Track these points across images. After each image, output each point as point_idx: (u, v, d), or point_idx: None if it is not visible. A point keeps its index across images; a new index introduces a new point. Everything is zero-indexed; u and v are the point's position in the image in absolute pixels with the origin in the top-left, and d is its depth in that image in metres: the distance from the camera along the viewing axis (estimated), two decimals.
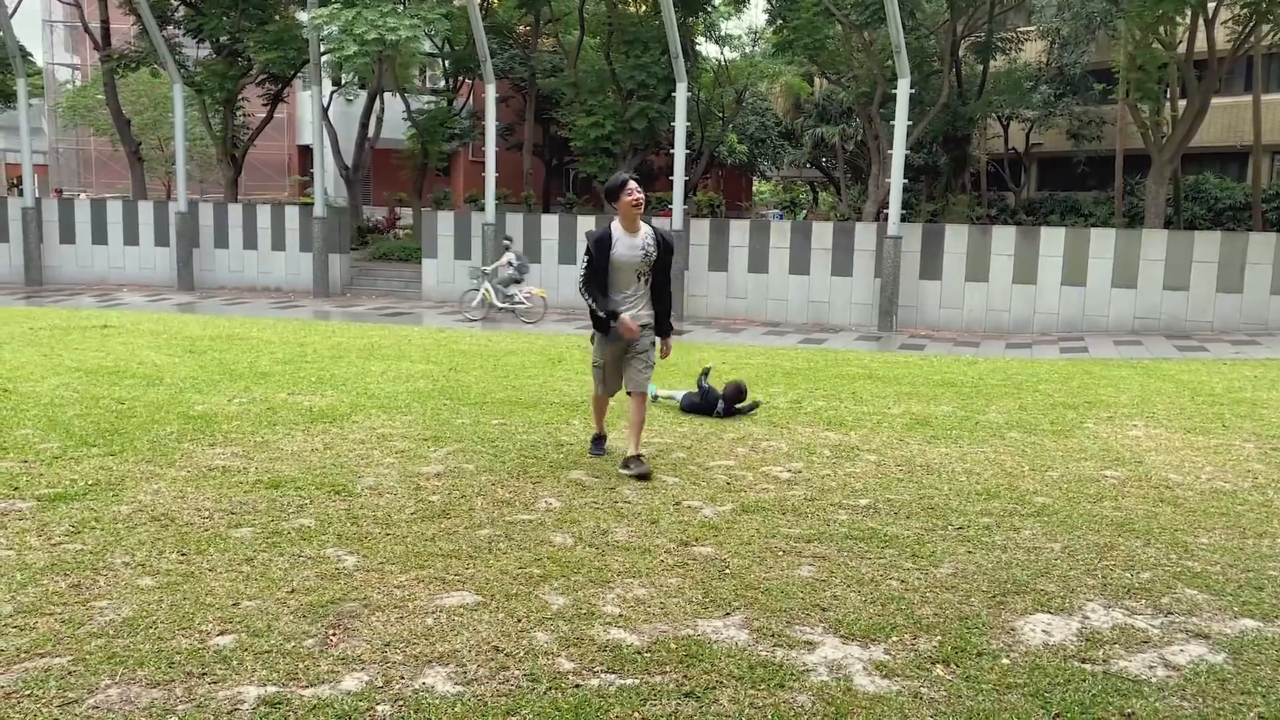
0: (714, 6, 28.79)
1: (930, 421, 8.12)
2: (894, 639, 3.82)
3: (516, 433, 7.23)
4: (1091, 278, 18.68)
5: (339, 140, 29.25)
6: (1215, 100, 22.24)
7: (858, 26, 23.34)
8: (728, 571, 4.51)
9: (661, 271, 6.14)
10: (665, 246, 6.08)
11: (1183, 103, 22.79)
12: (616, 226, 6.01)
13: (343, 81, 30.63)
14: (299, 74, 27.45)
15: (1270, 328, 17.58)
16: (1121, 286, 18.54)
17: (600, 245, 5.97)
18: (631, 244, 6.01)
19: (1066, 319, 18.78)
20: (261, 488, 5.67)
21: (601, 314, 6.04)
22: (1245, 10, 20.81)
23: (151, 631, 3.75)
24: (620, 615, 3.98)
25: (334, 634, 3.75)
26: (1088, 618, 4.05)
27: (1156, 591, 4.34)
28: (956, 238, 19.52)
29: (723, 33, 32.23)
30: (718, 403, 8.19)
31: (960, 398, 9.50)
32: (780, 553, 4.79)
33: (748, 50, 34.44)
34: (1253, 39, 21.86)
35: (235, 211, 24.66)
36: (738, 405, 8.31)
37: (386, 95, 29.13)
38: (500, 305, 18.87)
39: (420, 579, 4.31)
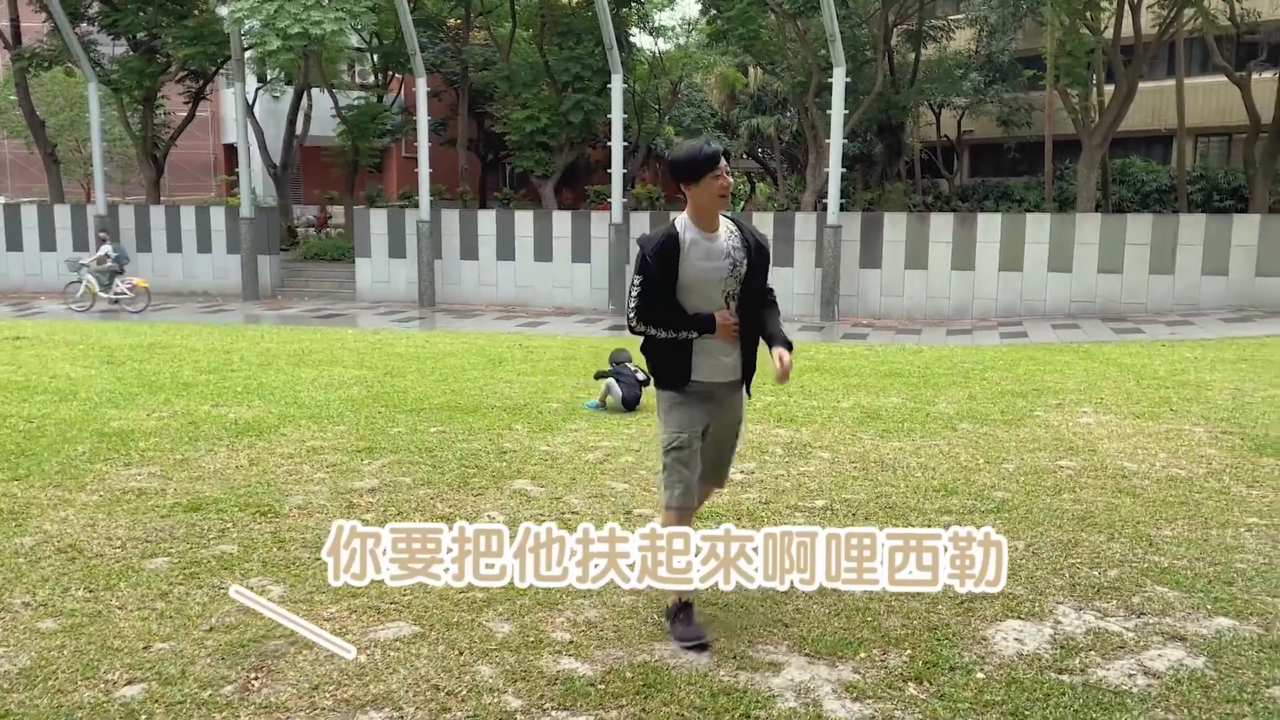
0: None
1: (881, 414, 7.97)
2: (862, 655, 3.60)
3: (456, 440, 6.90)
4: (1028, 262, 18.84)
5: (266, 138, 28.38)
6: (1140, 85, 22.58)
7: (791, 16, 23.25)
8: None
9: (756, 292, 3.87)
10: (760, 251, 3.86)
11: (1110, 88, 23.12)
12: (686, 224, 3.78)
13: (268, 78, 29.77)
14: (221, 70, 26.57)
15: (1202, 308, 17.89)
16: (1057, 270, 18.72)
17: (664, 255, 3.71)
18: (711, 249, 3.77)
19: (1005, 304, 18.92)
20: (180, 511, 5.28)
21: (682, 336, 3.78)
22: None
23: (51, 683, 3.38)
24: (571, 642, 3.71)
25: (256, 678, 3.42)
26: (1059, 622, 3.88)
27: (1126, 590, 4.19)
28: (895, 226, 19.55)
29: (656, 23, 31.97)
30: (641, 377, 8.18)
31: (909, 388, 9.39)
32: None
33: (682, 41, 34.22)
34: (1176, 24, 22.23)
35: (157, 213, 23.82)
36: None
37: (315, 91, 28.36)
38: (103, 295, 19.32)
39: (353, 609, 3.99)
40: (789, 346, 3.86)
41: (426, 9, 28.97)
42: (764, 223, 20.40)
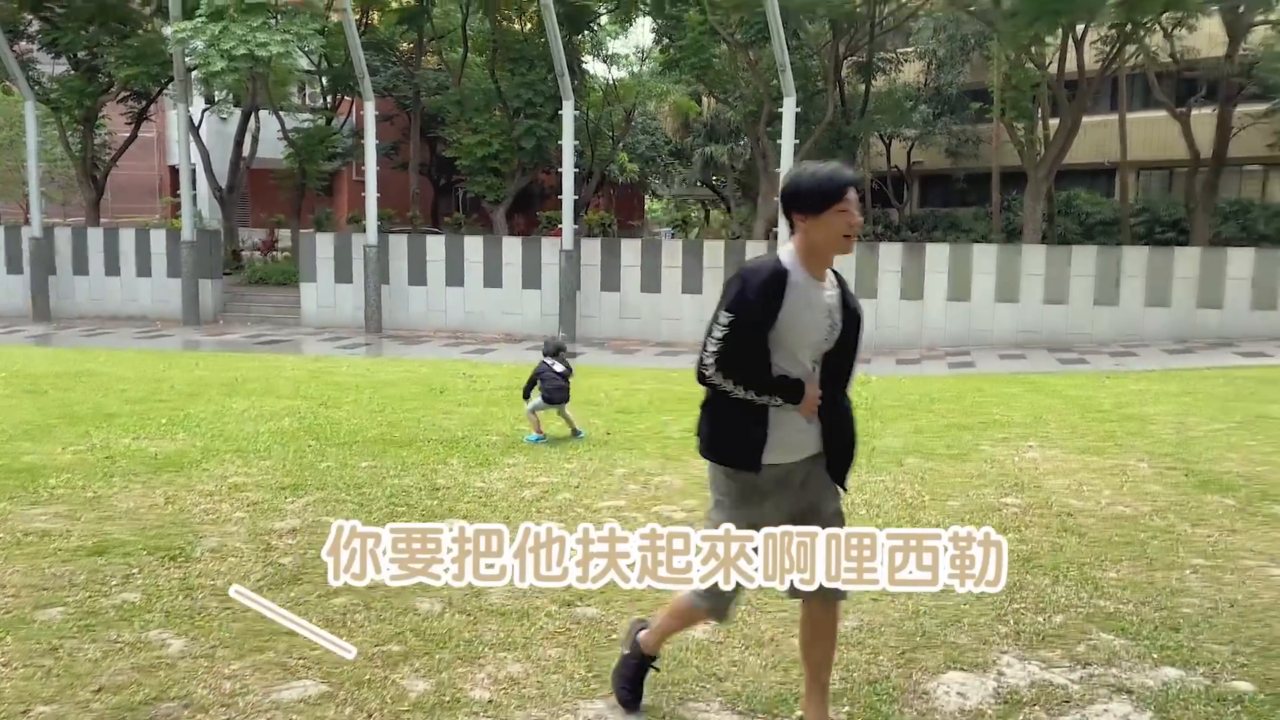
0: (600, 25, 28.59)
1: None
2: (799, 713, 3.41)
3: (387, 476, 6.62)
4: (975, 293, 18.98)
5: (212, 160, 27.90)
6: (1084, 119, 22.98)
7: (743, 46, 23.40)
8: (615, 637, 4.04)
9: (847, 366, 3.19)
10: (855, 319, 3.15)
11: (1054, 122, 23.52)
12: (792, 262, 3.04)
13: (215, 99, 29.31)
14: (164, 91, 26.09)
15: (1145, 338, 18.12)
16: (1004, 301, 18.88)
17: (769, 293, 2.97)
18: (815, 300, 3.05)
19: (953, 334, 19.02)
20: (84, 555, 4.96)
21: (763, 400, 3.03)
22: (1112, 31, 21.60)
23: None
24: (490, 701, 3.47)
25: None
26: (1003, 673, 3.73)
27: (1071, 638, 4.05)
28: (845, 255, 19.59)
29: (610, 51, 32.05)
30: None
31: (856, 420, 9.27)
32: None
33: (636, 69, 34.33)
34: (1118, 60, 22.70)
35: (95, 236, 23.23)
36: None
37: (263, 113, 27.95)
38: None
39: (257, 665, 3.72)
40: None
41: (378, 33, 28.76)
42: (715, 251, 20.37)
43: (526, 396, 8.21)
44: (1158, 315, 18.27)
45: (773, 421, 3.06)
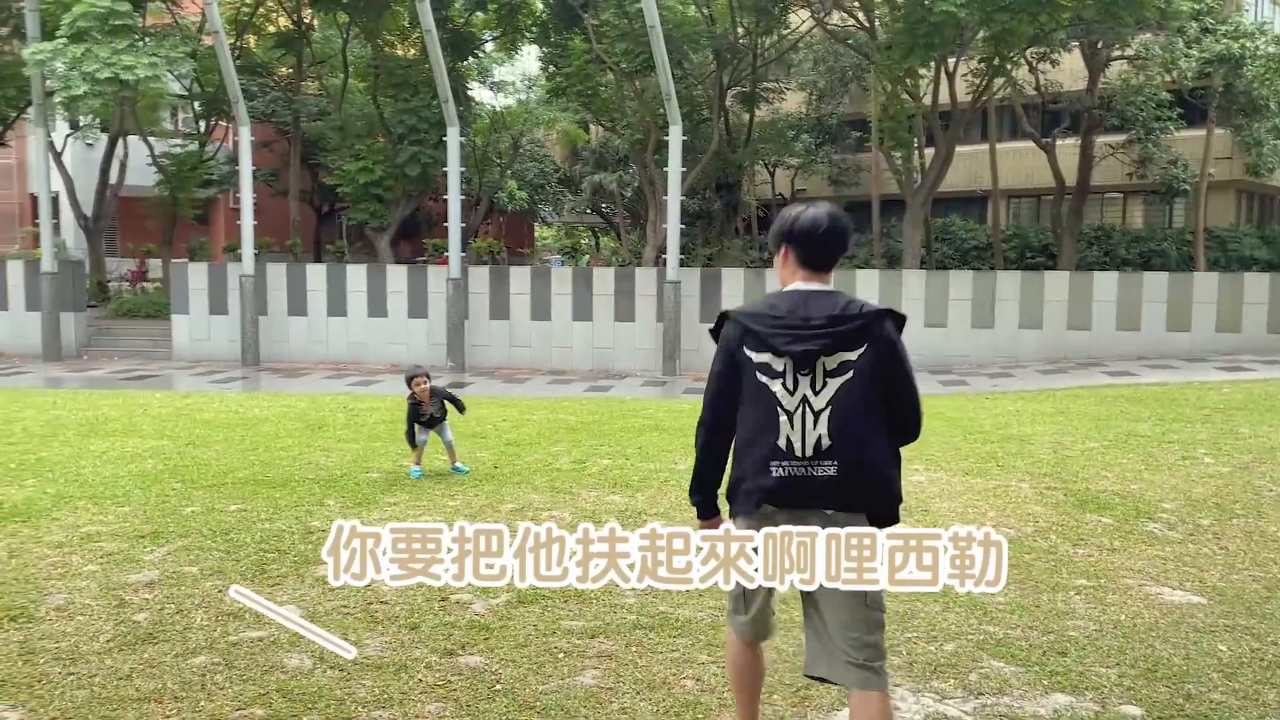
0: (485, 52, 28.39)
1: None
2: None
3: (257, 521, 6.24)
4: None
5: (77, 187, 26.49)
6: (958, 149, 23.83)
7: (629, 75, 23.50)
8: (498, 688, 3.83)
9: None
10: None
11: (930, 151, 24.33)
12: None
13: (80, 123, 27.92)
14: (23, 115, 24.69)
15: (1020, 360, 18.76)
16: None
17: None
18: None
19: None
20: None
21: None
22: (981, 64, 22.51)
23: None
24: None
25: None
26: (898, 708, 3.65)
27: (962, 667, 4.02)
28: (733, 281, 19.79)
29: (496, 78, 31.86)
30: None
31: None
32: (561, 655, 4.16)
33: (522, 97, 34.19)
34: (987, 93, 23.66)
35: None
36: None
37: (132, 139, 26.72)
38: None
39: None
40: None
41: (255, 57, 27.93)
42: (605, 278, 20.31)
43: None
44: (1031, 337, 18.95)
45: None
